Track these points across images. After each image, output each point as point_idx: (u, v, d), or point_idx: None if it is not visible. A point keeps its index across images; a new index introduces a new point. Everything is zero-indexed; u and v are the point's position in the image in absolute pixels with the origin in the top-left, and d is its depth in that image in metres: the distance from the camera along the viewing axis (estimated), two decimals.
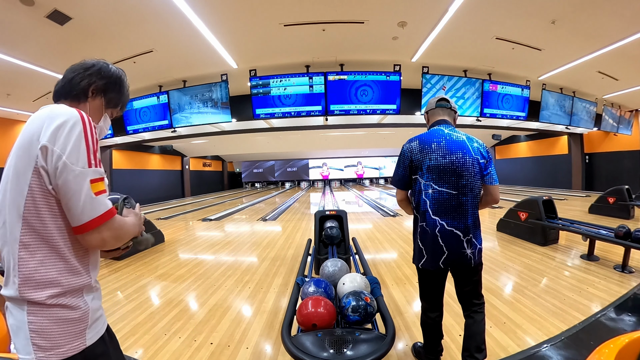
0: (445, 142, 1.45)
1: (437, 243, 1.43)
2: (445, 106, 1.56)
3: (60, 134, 0.70)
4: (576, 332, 2.02)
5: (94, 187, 0.73)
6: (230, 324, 2.30)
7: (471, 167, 1.43)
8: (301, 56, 5.36)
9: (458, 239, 1.41)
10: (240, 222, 7.22)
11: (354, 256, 2.97)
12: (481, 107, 6.37)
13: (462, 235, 1.42)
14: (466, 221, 1.42)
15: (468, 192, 1.43)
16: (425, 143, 1.47)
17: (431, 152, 1.44)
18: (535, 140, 13.97)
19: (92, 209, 0.72)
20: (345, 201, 11.64)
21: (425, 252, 1.48)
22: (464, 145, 1.45)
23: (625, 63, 5.83)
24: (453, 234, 1.41)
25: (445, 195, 1.42)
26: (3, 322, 1.17)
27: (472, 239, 1.43)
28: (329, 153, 20.67)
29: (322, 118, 6.67)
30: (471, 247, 1.43)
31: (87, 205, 0.71)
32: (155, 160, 14.07)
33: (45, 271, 0.71)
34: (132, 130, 6.83)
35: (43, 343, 0.70)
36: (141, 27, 4.08)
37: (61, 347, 0.71)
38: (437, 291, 1.58)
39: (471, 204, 1.44)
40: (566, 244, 4.22)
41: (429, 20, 4.24)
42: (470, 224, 1.43)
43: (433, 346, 1.62)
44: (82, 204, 0.70)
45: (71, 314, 0.74)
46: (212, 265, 3.81)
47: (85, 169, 0.72)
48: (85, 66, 0.87)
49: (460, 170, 1.42)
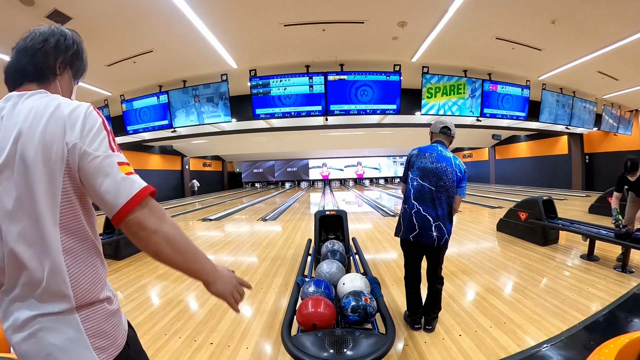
0: (436, 154, 1.95)
1: (412, 221, 1.94)
2: (446, 133, 2.03)
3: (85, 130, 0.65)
4: (576, 332, 2.02)
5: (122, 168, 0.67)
6: (230, 324, 2.30)
7: (450, 175, 1.90)
8: (301, 56, 5.36)
9: (428, 222, 1.89)
10: (240, 222, 7.22)
11: (354, 256, 2.97)
12: (481, 107, 6.37)
13: (432, 220, 1.89)
14: (437, 211, 1.89)
15: (443, 191, 1.90)
16: (422, 152, 1.99)
17: (424, 158, 1.96)
18: (535, 140, 13.98)
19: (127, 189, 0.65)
20: (345, 201, 11.64)
21: (402, 226, 2.01)
22: (449, 160, 1.92)
23: (625, 63, 5.83)
24: (425, 217, 1.90)
25: (426, 189, 1.92)
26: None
27: (440, 225, 1.88)
28: (329, 153, 20.68)
29: (322, 118, 6.67)
30: (438, 231, 1.88)
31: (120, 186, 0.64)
32: (155, 160, 14.08)
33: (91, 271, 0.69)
34: (132, 130, 6.83)
35: (103, 343, 0.68)
36: (141, 27, 4.08)
37: (116, 339, 0.72)
38: (414, 263, 2.08)
39: (444, 200, 1.90)
40: (566, 244, 4.22)
41: (429, 20, 4.24)
42: (440, 214, 1.89)
43: (414, 309, 2.11)
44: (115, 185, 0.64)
45: (112, 305, 0.73)
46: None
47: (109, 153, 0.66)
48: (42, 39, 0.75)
49: (440, 175, 1.90)
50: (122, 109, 6.68)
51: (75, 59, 0.82)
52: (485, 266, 3.45)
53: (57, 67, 0.77)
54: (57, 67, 0.78)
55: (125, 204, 0.64)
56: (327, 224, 3.57)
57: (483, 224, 5.91)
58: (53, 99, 0.68)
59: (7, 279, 0.65)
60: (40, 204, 0.62)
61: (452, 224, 1.95)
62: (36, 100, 0.68)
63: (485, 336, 2.02)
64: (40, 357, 0.63)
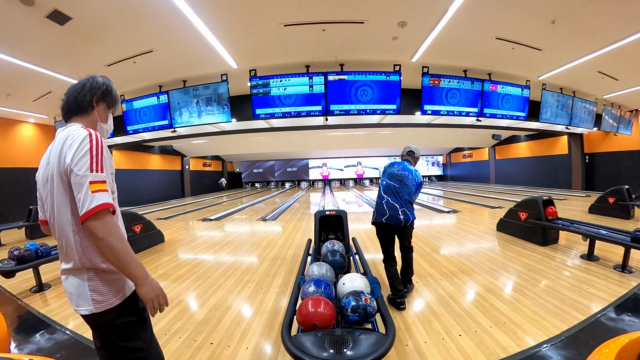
0: (402, 166, 2.66)
1: (383, 208, 2.57)
2: (411, 155, 2.75)
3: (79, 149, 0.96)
4: (576, 332, 2.02)
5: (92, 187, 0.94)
6: (230, 324, 2.30)
7: (410, 179, 2.59)
8: (301, 56, 5.35)
9: (396, 209, 2.53)
10: (240, 222, 7.22)
11: (354, 256, 2.97)
12: (481, 107, 6.37)
13: (399, 207, 2.54)
14: (400, 201, 2.55)
15: (405, 189, 2.58)
16: (393, 164, 2.73)
17: (393, 168, 2.70)
18: (535, 140, 13.97)
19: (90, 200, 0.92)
20: (345, 201, 11.63)
21: (375, 213, 2.64)
22: (410, 171, 2.62)
23: (625, 63, 5.83)
24: (394, 205, 2.55)
25: (391, 187, 2.61)
26: (3, 322, 1.17)
27: (405, 210, 2.53)
28: (329, 153, 20.68)
29: (322, 118, 6.66)
30: (403, 215, 2.51)
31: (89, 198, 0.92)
32: (155, 160, 14.07)
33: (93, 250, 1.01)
34: (132, 130, 6.83)
35: (99, 298, 1.02)
36: (141, 27, 4.07)
37: (109, 299, 1.04)
38: (388, 243, 2.65)
39: (405, 195, 2.57)
40: (566, 244, 4.22)
41: (429, 20, 4.24)
42: (403, 203, 2.55)
43: (395, 287, 2.53)
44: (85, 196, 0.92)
45: (115, 276, 1.06)
46: (212, 265, 3.81)
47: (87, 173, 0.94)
48: (81, 85, 1.12)
49: (403, 179, 2.60)
50: (122, 109, 6.68)
51: (107, 95, 1.18)
52: (485, 266, 3.45)
53: (93, 101, 1.14)
54: (93, 102, 1.14)
55: (84, 213, 0.92)
56: (327, 224, 3.57)
57: (483, 224, 5.90)
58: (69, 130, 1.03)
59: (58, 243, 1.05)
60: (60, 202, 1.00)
61: (413, 211, 2.60)
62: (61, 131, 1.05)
63: (485, 336, 2.02)
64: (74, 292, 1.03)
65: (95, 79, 1.15)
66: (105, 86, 1.17)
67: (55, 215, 1.01)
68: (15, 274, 2.93)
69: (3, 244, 5.46)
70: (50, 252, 3.30)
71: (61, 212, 0.99)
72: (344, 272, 2.36)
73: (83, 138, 0.97)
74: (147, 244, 4.69)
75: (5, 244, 5.47)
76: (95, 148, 0.98)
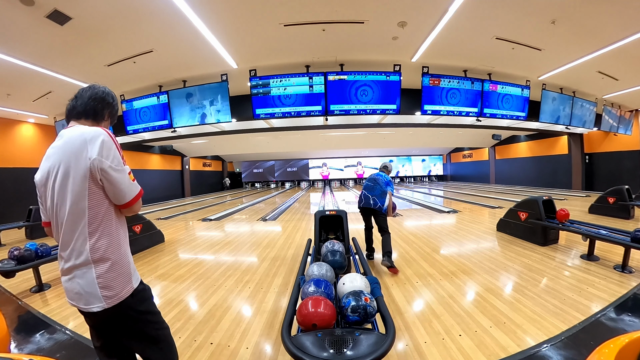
0: (376, 174, 3.82)
1: (362, 198, 3.71)
2: (385, 168, 3.88)
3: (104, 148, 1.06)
4: (576, 332, 2.02)
5: (130, 177, 1.14)
6: (230, 324, 2.30)
7: (380, 181, 3.68)
8: (301, 56, 5.35)
9: (368, 198, 3.62)
10: (240, 222, 7.22)
11: (354, 256, 2.97)
12: (481, 107, 6.37)
13: (370, 198, 3.60)
14: (374, 194, 3.61)
15: (378, 186, 3.64)
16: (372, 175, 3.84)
17: (371, 175, 3.85)
18: (535, 140, 13.97)
19: (131, 191, 1.13)
20: (345, 201, 11.63)
21: (359, 202, 3.75)
22: (381, 175, 3.75)
23: (625, 63, 5.83)
24: (368, 196, 3.63)
25: (367, 186, 3.75)
26: (3, 322, 1.17)
27: (375, 199, 3.56)
28: (329, 153, 20.68)
29: (322, 118, 6.66)
30: (373, 202, 3.57)
31: (129, 189, 1.12)
32: (155, 160, 14.07)
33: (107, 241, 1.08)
34: (132, 130, 6.82)
35: (108, 293, 1.07)
36: (141, 27, 4.07)
37: (118, 294, 1.08)
38: (366, 220, 3.85)
39: (377, 191, 3.63)
40: (566, 244, 4.22)
41: (429, 20, 4.24)
42: (374, 195, 3.60)
43: (369, 245, 3.87)
44: (127, 188, 1.11)
45: (123, 268, 1.12)
46: (212, 265, 3.82)
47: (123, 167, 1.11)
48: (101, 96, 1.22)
49: (376, 179, 3.73)
50: (122, 109, 6.68)
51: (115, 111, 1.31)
52: (485, 266, 3.45)
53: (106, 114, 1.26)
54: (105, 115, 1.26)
55: (132, 198, 1.15)
56: (327, 224, 3.57)
57: (483, 224, 5.91)
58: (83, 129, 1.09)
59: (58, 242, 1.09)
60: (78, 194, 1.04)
61: (384, 201, 3.57)
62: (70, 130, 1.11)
63: (485, 336, 2.02)
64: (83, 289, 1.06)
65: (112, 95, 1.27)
66: (115, 103, 1.29)
67: (69, 208, 1.03)
68: (15, 274, 2.93)
69: (3, 244, 5.46)
70: (50, 252, 3.30)
71: (78, 204, 1.03)
72: (344, 272, 2.36)
73: (104, 135, 1.08)
74: (147, 244, 4.69)
75: (5, 244, 5.47)
76: (116, 144, 1.11)
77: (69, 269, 1.06)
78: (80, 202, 1.04)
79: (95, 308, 1.05)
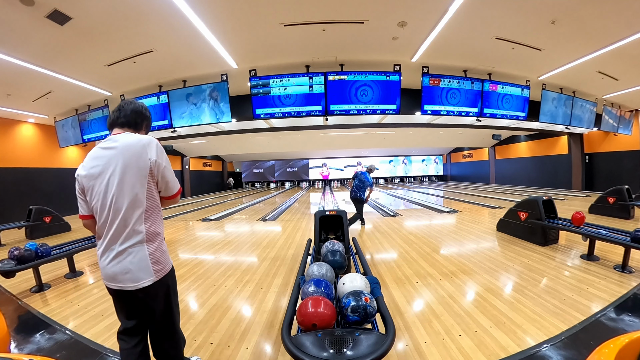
0: (360, 173, 5.98)
1: (350, 192, 6.03)
2: (370, 169, 6.10)
3: (159, 152, 1.34)
4: (576, 332, 2.02)
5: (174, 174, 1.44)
6: (230, 324, 2.30)
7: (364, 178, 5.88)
8: (301, 56, 5.35)
9: (354, 190, 5.91)
10: (240, 222, 7.22)
11: (354, 256, 2.97)
12: (481, 107, 6.36)
13: (354, 191, 5.92)
14: (355, 189, 5.89)
15: (360, 184, 5.87)
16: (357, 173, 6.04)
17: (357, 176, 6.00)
18: (535, 140, 13.97)
19: (177, 185, 1.46)
20: (345, 201, 11.62)
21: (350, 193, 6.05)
22: (365, 175, 5.92)
23: (625, 63, 5.83)
24: (354, 189, 5.91)
25: (355, 183, 5.93)
26: (3, 322, 1.17)
27: (356, 191, 5.88)
28: (329, 153, 20.68)
29: (322, 118, 6.66)
30: (354, 194, 5.91)
31: (176, 183, 1.44)
32: None
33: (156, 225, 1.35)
34: None
35: (158, 267, 1.33)
36: (141, 27, 4.07)
37: (165, 267, 1.37)
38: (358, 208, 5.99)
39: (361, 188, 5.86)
40: (566, 244, 4.22)
41: (429, 20, 4.24)
42: (355, 188, 5.88)
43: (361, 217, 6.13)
44: (174, 183, 1.43)
45: (165, 247, 1.40)
46: (212, 265, 3.82)
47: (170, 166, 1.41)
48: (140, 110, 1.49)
49: (360, 179, 5.90)
50: None
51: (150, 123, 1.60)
52: (485, 266, 3.45)
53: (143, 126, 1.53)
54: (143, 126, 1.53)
55: (177, 191, 1.47)
56: (327, 224, 3.57)
57: (483, 224, 5.91)
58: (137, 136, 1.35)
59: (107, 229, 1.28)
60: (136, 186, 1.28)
61: (364, 194, 5.69)
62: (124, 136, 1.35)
63: (485, 336, 2.02)
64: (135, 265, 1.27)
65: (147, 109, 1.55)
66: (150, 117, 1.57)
67: (127, 197, 1.26)
68: (15, 274, 2.93)
69: (3, 244, 5.46)
70: (50, 252, 3.30)
71: (137, 194, 1.27)
72: (344, 272, 2.36)
73: (157, 142, 1.36)
74: None
75: (5, 244, 5.47)
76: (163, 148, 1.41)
77: (122, 251, 1.26)
78: (140, 194, 1.28)
79: (146, 282, 1.28)
